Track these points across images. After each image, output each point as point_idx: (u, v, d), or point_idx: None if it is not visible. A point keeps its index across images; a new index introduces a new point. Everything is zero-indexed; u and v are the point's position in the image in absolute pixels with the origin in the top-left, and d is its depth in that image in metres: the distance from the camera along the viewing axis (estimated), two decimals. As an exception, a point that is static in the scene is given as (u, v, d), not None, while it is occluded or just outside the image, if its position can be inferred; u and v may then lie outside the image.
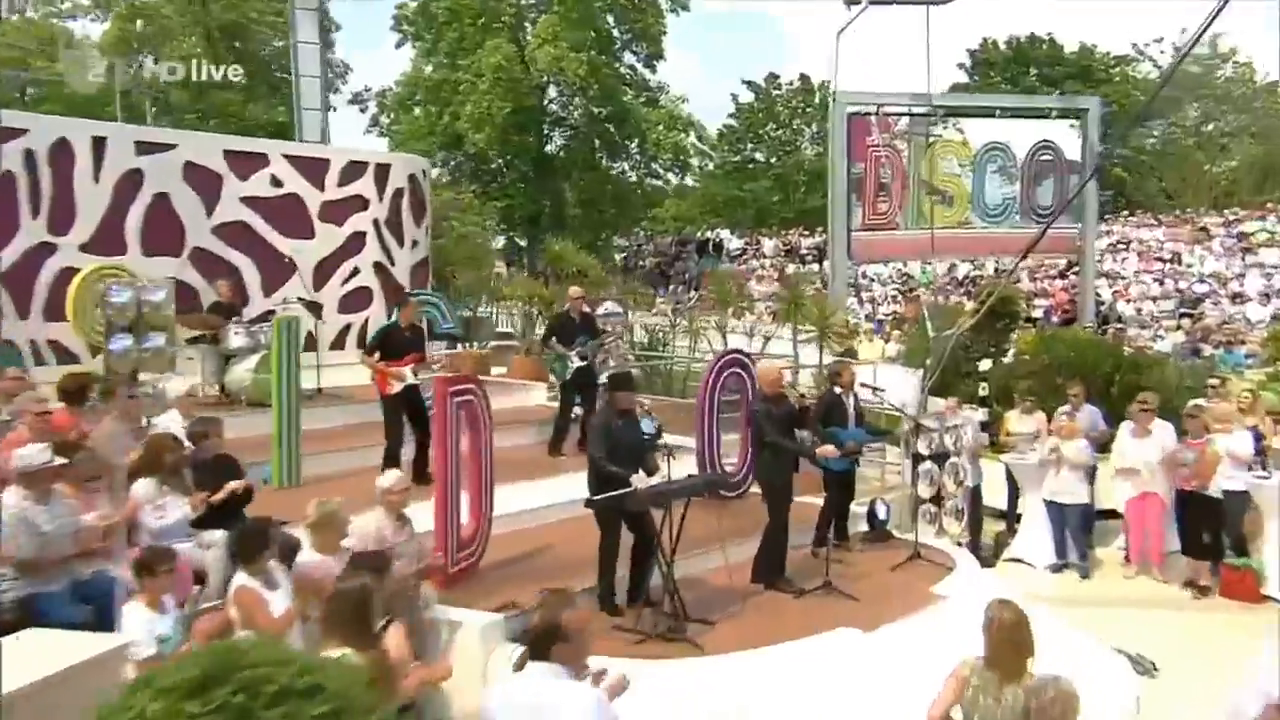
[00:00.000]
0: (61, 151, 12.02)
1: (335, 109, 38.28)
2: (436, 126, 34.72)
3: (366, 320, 14.67)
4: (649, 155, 36.80)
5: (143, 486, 6.46)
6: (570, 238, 28.14)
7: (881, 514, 9.59)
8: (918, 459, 9.98)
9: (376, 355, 9.56)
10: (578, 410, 11.06)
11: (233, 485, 6.82)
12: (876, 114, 21.44)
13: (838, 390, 8.95)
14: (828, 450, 8.12)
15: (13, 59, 33.54)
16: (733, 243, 37.57)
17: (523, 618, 6.95)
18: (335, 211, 14.74)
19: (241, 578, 5.35)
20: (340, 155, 15.10)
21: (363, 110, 37.85)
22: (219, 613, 5.24)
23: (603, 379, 12.51)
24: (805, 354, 16.23)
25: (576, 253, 19.40)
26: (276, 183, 14.11)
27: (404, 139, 35.21)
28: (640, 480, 7.17)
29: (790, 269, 33.56)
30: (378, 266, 15.15)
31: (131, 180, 12.65)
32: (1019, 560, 10.81)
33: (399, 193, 15.44)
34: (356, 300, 14.82)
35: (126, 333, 9.05)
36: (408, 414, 9.53)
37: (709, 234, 38.72)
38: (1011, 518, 11.63)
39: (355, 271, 14.89)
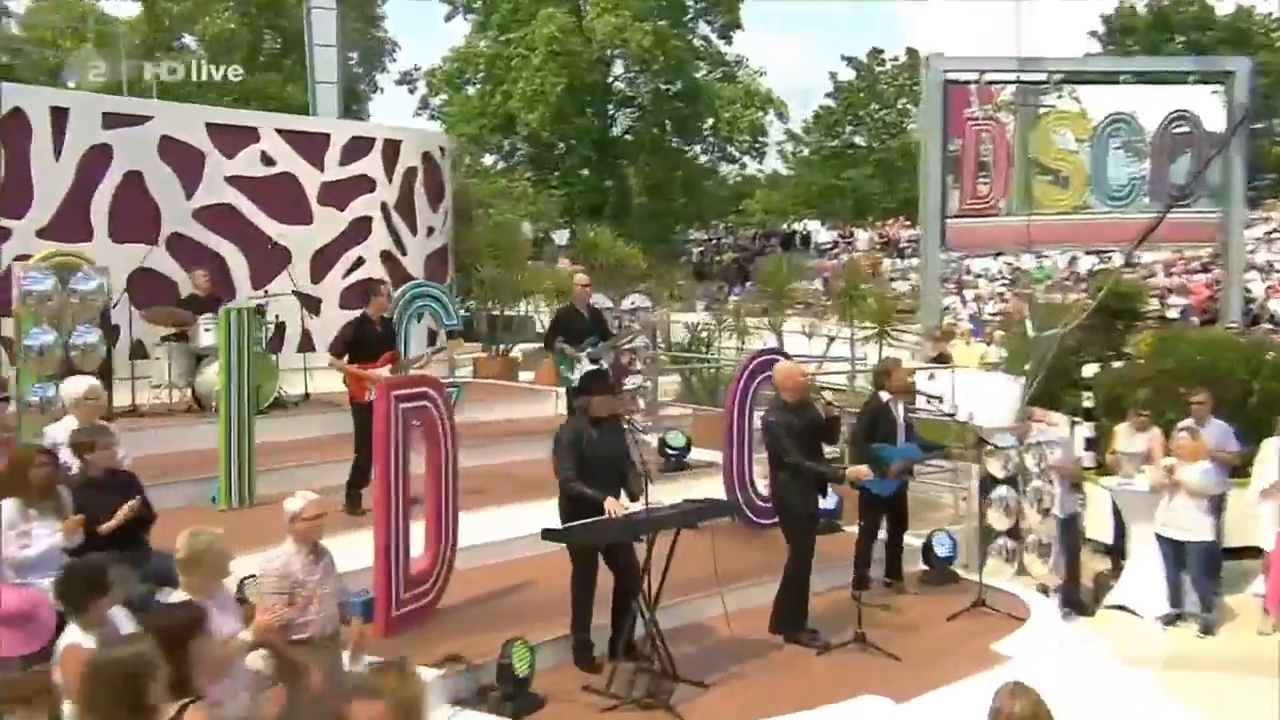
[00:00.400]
0: (15, 123, 11.70)
1: (382, 90, 38.43)
2: (489, 107, 34.39)
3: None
4: (723, 136, 35.89)
5: (3, 510, 5.85)
6: (632, 229, 27.45)
7: (943, 549, 8.62)
8: (989, 483, 8.96)
9: (346, 357, 9.09)
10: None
11: (125, 510, 6.16)
12: (978, 82, 20.22)
13: (885, 397, 8.00)
14: (860, 471, 7.19)
15: (42, 39, 34.29)
16: (822, 235, 36.51)
17: (469, 674, 6.25)
18: (336, 194, 14.26)
19: (73, 633, 4.67)
20: (342, 130, 14.66)
21: (411, 91, 37.84)
22: (36, 677, 4.56)
23: (633, 382, 11.88)
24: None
25: (614, 241, 18.63)
26: (268, 160, 13.70)
27: (455, 121, 34.99)
28: (617, 505, 6.38)
29: (886, 263, 32.49)
30: (386, 256, 14.64)
31: (98, 157, 12.31)
32: (1123, 608, 9.72)
33: (411, 172, 14.93)
34: (361, 294, 14.24)
35: (50, 327, 8.54)
36: (383, 422, 8.92)
37: (796, 226, 37.74)
38: (1118, 555, 10.52)
39: (360, 262, 14.39)
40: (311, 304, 13.15)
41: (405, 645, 6.57)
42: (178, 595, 5.25)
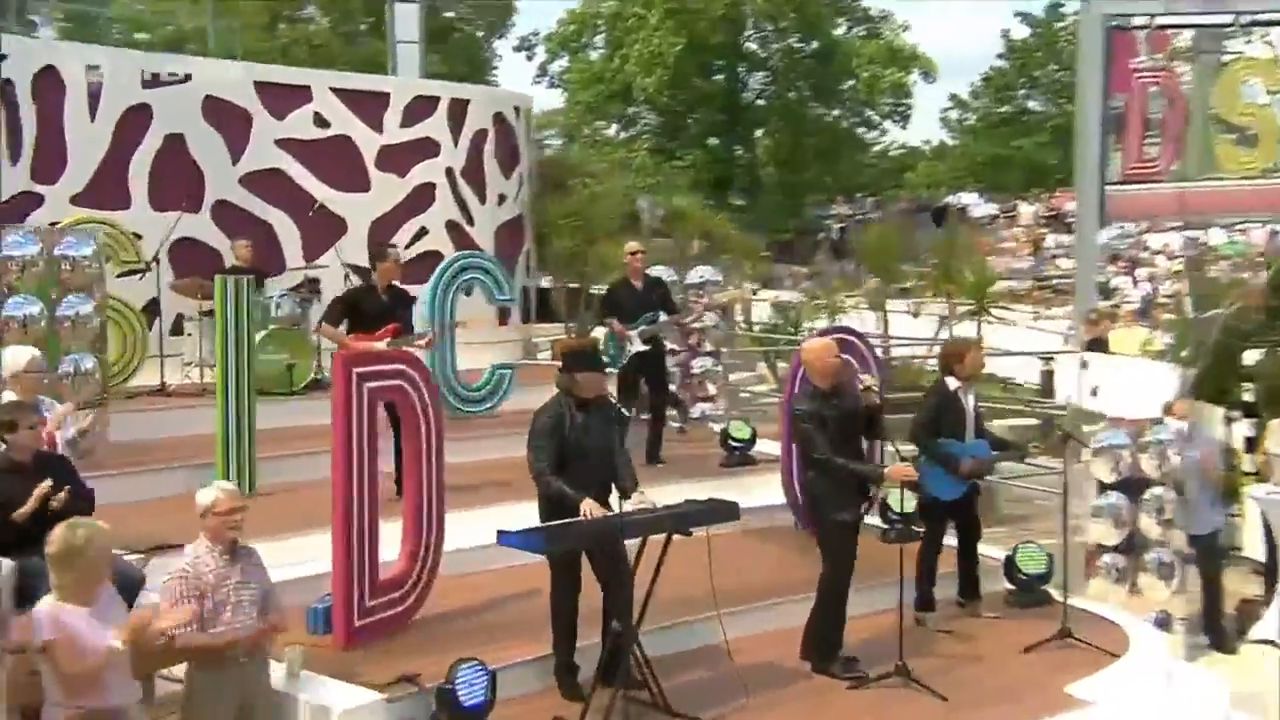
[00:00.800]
0: (48, 82, 11.77)
1: (502, 57, 38.53)
2: (606, 72, 34.01)
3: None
4: (861, 99, 34.65)
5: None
6: (762, 203, 26.69)
7: (1033, 565, 7.69)
8: (1097, 489, 8.01)
9: (344, 327, 8.70)
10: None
11: (43, 488, 5.84)
12: (1148, 27, 18.79)
13: (954, 384, 7.13)
14: (903, 470, 6.34)
15: (159, 9, 35.43)
16: (979, 209, 34.98)
17: (419, 698, 5.71)
18: (397, 158, 14.00)
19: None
20: (404, 89, 14.39)
21: (529, 57, 37.82)
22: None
23: (701, 365, 11.21)
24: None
25: (701, 210, 18.04)
26: (321, 122, 13.53)
27: (575, 88, 34.75)
28: (595, 508, 5.77)
29: (1050, 239, 30.86)
30: (451, 226, 14.34)
31: (137, 118, 12.30)
32: (1270, 643, 8.59)
33: (480, 135, 14.60)
34: (424, 267, 13.95)
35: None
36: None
37: (950, 199, 36.30)
38: (1272, 578, 9.40)
39: (423, 232, 14.11)
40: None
41: (363, 660, 6.11)
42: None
